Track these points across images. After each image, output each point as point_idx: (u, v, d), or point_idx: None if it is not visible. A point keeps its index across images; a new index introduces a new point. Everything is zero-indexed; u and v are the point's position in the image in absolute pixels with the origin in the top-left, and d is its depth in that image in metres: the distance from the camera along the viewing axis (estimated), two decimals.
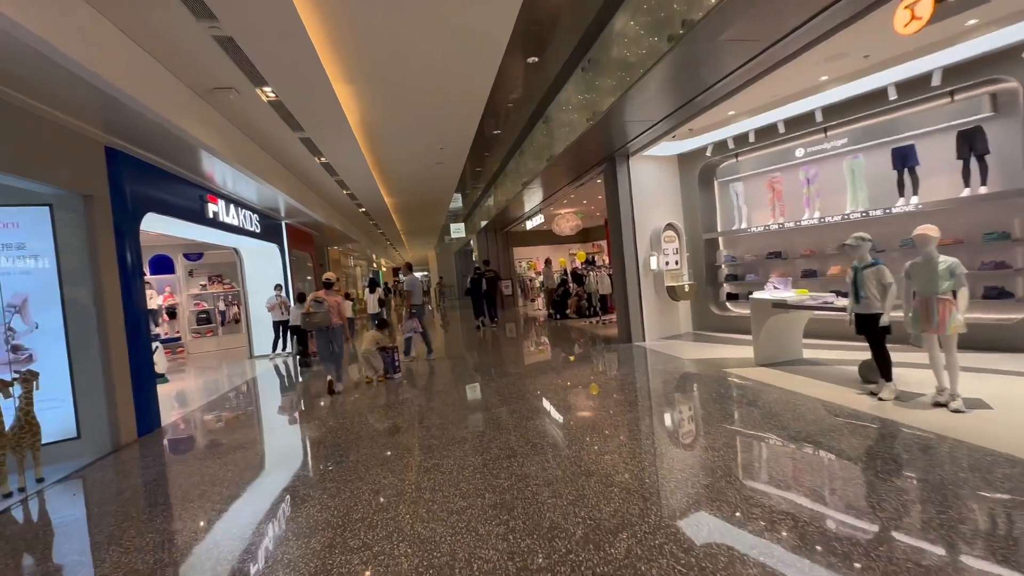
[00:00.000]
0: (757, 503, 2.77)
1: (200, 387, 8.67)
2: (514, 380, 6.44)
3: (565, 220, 14.51)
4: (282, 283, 11.54)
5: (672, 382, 5.78)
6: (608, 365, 7.03)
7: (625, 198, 8.44)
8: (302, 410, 6.31)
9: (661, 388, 5.59)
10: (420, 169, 10.78)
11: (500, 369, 7.39)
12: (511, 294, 20.01)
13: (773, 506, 2.72)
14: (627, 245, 8.44)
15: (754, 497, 2.84)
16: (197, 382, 9.29)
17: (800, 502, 2.76)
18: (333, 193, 12.00)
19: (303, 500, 3.38)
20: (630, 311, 8.44)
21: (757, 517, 2.61)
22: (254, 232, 9.71)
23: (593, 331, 10.51)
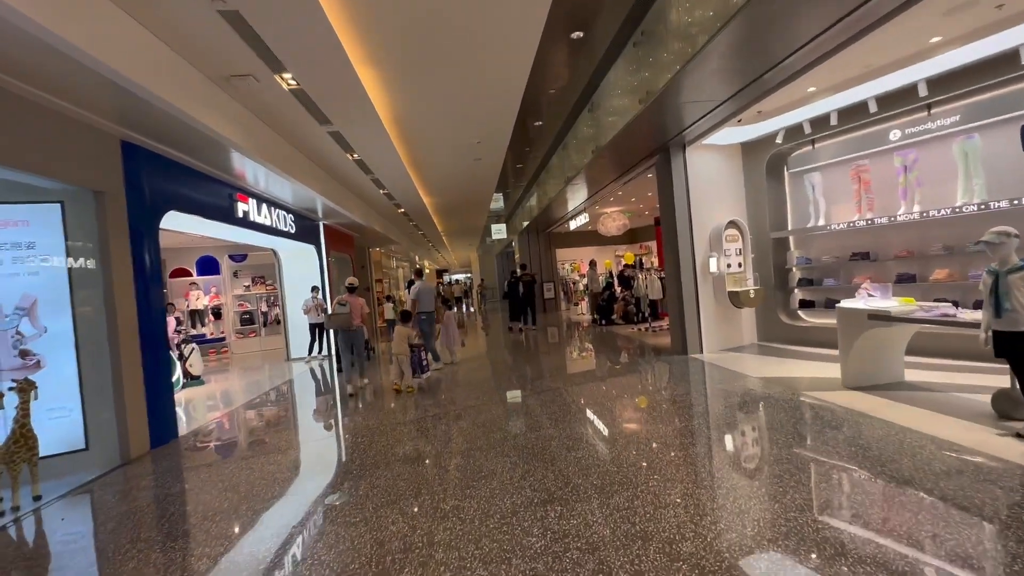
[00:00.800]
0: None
1: (232, 391, 8.47)
2: (553, 397, 5.72)
3: (612, 219, 13.63)
4: (319, 285, 11.34)
5: (741, 407, 4.88)
6: (661, 382, 6.18)
7: (681, 193, 7.54)
8: (324, 423, 5.85)
9: (729, 415, 4.71)
10: (457, 166, 10.25)
11: (539, 382, 6.68)
12: (553, 297, 19.25)
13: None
14: (683, 246, 7.53)
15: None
16: (231, 385, 9.13)
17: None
18: (370, 193, 11.69)
19: (295, 551, 2.82)
20: (685, 319, 7.52)
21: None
22: (288, 233, 9.48)
23: (641, 339, 9.61)
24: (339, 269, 14.34)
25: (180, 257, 13.73)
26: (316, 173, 8.94)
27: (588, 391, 5.93)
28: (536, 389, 6.25)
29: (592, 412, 5.04)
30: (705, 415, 4.65)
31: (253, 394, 7.87)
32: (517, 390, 6.33)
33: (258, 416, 6.42)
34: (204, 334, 13.84)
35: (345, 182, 10.44)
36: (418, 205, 13.73)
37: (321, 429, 5.55)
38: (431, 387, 6.91)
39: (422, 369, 6.88)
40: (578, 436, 4.26)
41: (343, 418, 5.93)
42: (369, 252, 19.27)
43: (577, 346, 10.04)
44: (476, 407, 5.57)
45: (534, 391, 6.15)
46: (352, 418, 5.83)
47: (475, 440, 4.41)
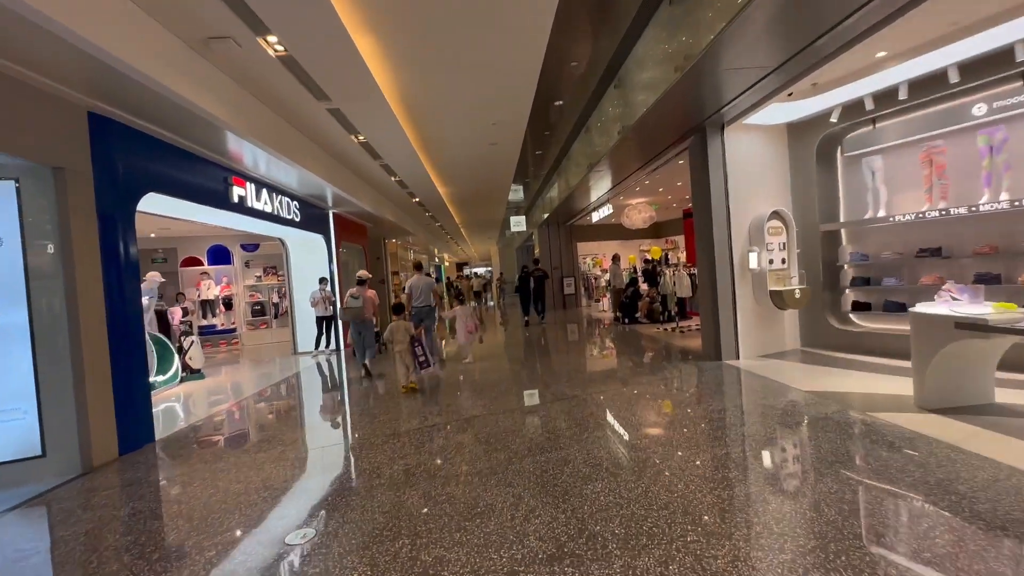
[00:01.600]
0: None
1: (230, 386, 8.03)
2: (569, 408, 5.03)
3: (637, 211, 12.78)
4: (327, 276, 10.86)
5: (793, 430, 4.11)
6: (693, 394, 5.41)
7: (718, 180, 6.71)
8: (312, 432, 5.29)
9: (780, 442, 3.94)
10: (472, 152, 9.59)
11: (554, 388, 5.99)
12: (574, 293, 18.48)
13: None
14: (718, 239, 6.71)
15: None
16: (231, 380, 8.71)
17: None
18: (381, 181, 11.13)
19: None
20: (720, 321, 6.71)
21: None
22: (293, 221, 8.97)
23: (668, 341, 8.81)
24: (351, 260, 13.89)
25: (191, 246, 13.47)
26: (320, 157, 8.39)
27: (609, 402, 5.21)
28: (550, 396, 5.57)
29: (613, 431, 4.33)
30: (750, 441, 3.90)
31: (250, 391, 7.40)
32: (529, 397, 5.66)
33: (244, 418, 5.90)
34: (215, 325, 13.59)
35: (354, 169, 9.88)
36: (433, 194, 13.13)
37: (307, 439, 4.98)
38: (435, 390, 6.30)
39: (420, 365, 6.33)
40: (596, 462, 3.56)
41: (333, 427, 5.37)
42: (385, 243, 18.82)
43: (598, 347, 9.30)
44: (482, 417, 4.92)
45: (548, 398, 5.46)
46: (344, 426, 5.26)
47: (475, 461, 3.76)
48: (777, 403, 4.75)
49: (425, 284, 8.15)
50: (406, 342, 6.20)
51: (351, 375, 8.20)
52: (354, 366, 8.88)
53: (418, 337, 6.29)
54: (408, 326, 6.37)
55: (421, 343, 6.25)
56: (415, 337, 6.26)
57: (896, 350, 6.01)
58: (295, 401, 6.75)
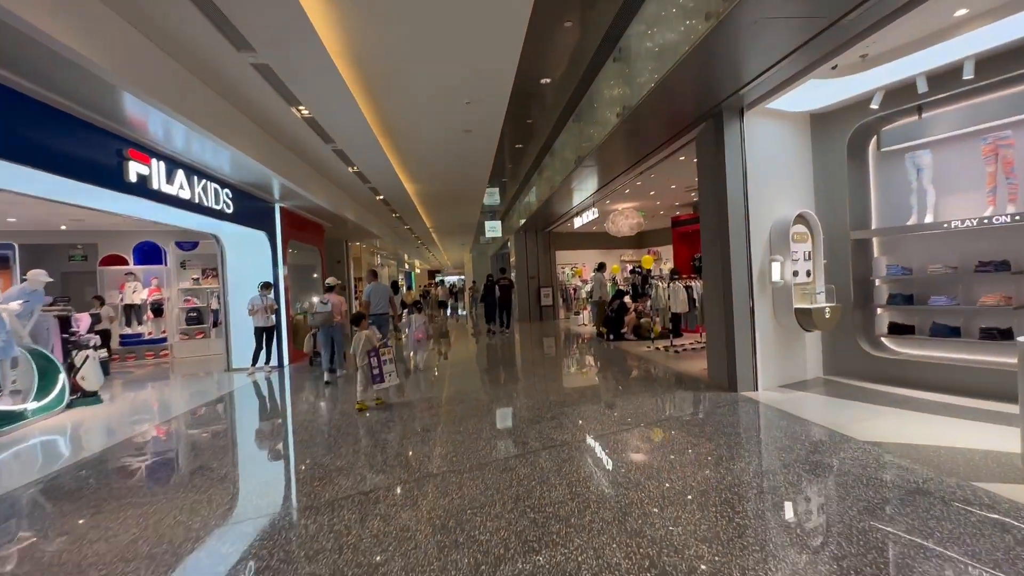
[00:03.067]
0: None
1: (134, 412, 6.40)
2: (559, 464, 3.74)
3: (624, 217, 11.70)
4: (271, 281, 9.32)
5: (892, 518, 2.89)
6: (722, 443, 4.19)
7: (735, 175, 5.60)
8: (206, 491, 3.82)
9: (880, 539, 2.72)
10: (444, 140, 8.29)
11: (538, 428, 4.68)
12: (551, 304, 17.28)
13: None
14: (735, 245, 5.59)
15: None
16: (140, 403, 7.07)
17: None
18: (337, 172, 9.70)
19: None
20: (737, 344, 5.57)
21: None
22: (221, 212, 7.45)
23: (663, 363, 7.64)
24: (305, 262, 12.33)
25: (114, 242, 11.65)
26: (256, 136, 6.94)
27: (614, 455, 3.94)
28: (534, 441, 4.26)
29: (630, 512, 3.05)
30: (838, 537, 2.67)
31: (156, 421, 5.83)
32: (505, 442, 4.34)
33: (123, 465, 4.36)
34: (141, 334, 11.77)
35: (302, 153, 8.43)
36: (399, 192, 11.74)
37: (193, 506, 3.52)
38: (390, 422, 4.92)
39: (373, 378, 5.69)
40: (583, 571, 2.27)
41: (234, 487, 3.92)
42: (348, 246, 17.26)
43: (584, 369, 8.05)
44: (442, 477, 3.57)
45: (531, 445, 4.16)
46: (253, 483, 3.82)
47: (425, 567, 2.42)
48: (837, 462, 3.57)
49: (382, 291, 8.25)
50: (366, 356, 5.68)
51: (297, 395, 6.70)
52: (309, 382, 7.41)
53: (376, 350, 5.73)
54: (371, 336, 5.87)
55: (378, 356, 5.71)
56: (374, 349, 5.71)
57: (950, 384, 4.98)
58: (209, 438, 5.22)
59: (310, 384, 7.94)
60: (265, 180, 7.98)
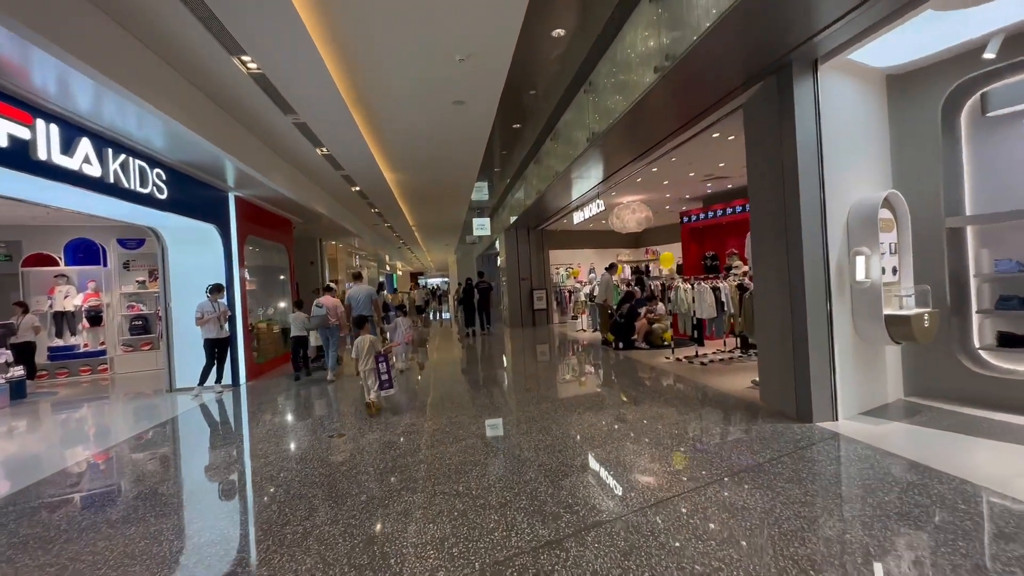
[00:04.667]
0: None
1: (23, 458, 4.86)
2: (606, 565, 2.43)
3: (630, 211, 10.49)
4: (223, 283, 7.83)
5: None
6: (832, 519, 2.91)
7: (808, 144, 4.38)
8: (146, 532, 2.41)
9: None
10: (429, 113, 6.94)
11: (560, 489, 3.37)
12: (545, 308, 16.00)
13: None
14: (808, 233, 4.35)
15: None
16: (36, 440, 5.52)
17: None
18: (303, 154, 8.25)
19: None
20: (812, 361, 4.34)
21: None
22: (150, 197, 5.94)
23: (695, 380, 6.40)
24: (270, 261, 10.81)
25: (41, 239, 9.97)
26: (195, 101, 5.50)
27: (678, 554, 2.65)
28: (551, 514, 2.94)
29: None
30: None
31: (52, 469, 4.33)
32: (523, 518, 3.01)
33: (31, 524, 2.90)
34: (75, 346, 10.09)
35: (256, 125, 6.97)
36: (378, 182, 10.32)
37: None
38: (363, 474, 3.55)
39: (381, 384, 5.67)
40: None
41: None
42: (322, 245, 15.71)
43: (599, 391, 6.76)
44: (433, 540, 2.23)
45: (546, 523, 2.84)
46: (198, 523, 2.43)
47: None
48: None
49: (365, 294, 8.10)
50: (372, 360, 5.63)
51: (257, 421, 5.24)
52: (276, 399, 5.97)
53: (385, 355, 5.72)
54: (376, 341, 5.82)
55: (386, 360, 5.70)
56: (381, 354, 5.69)
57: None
58: (114, 493, 3.76)
59: (279, 402, 6.49)
60: (213, 161, 6.52)
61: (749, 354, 7.84)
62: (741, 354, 7.90)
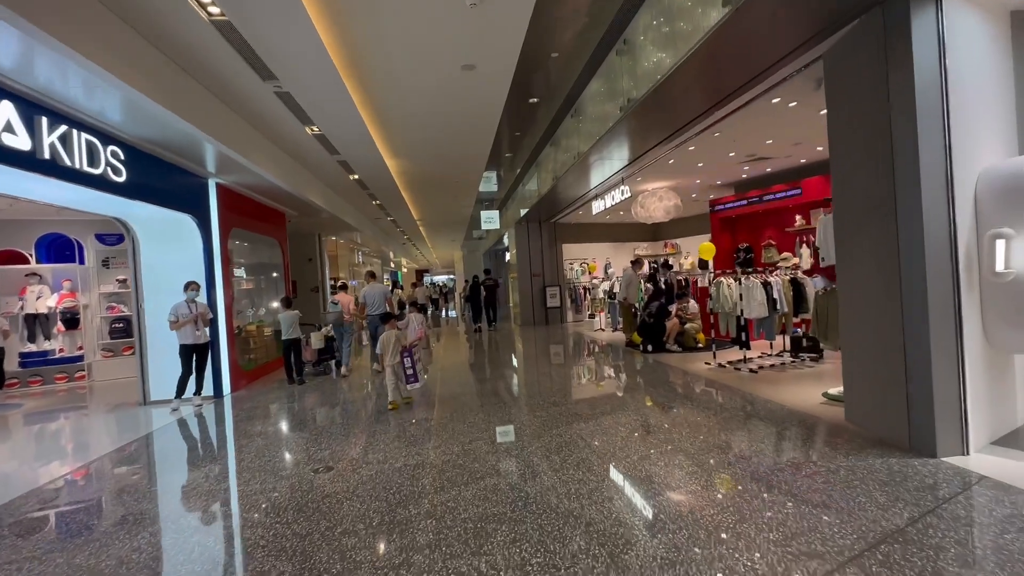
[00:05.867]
0: None
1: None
2: None
3: (657, 199, 9.45)
4: (200, 281, 6.90)
5: None
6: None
7: (929, 95, 3.35)
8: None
9: None
10: (434, 81, 5.96)
11: (635, 559, 2.41)
12: (559, 306, 15.01)
13: None
14: (931, 213, 3.34)
15: None
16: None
17: None
18: (292, 134, 7.29)
19: None
20: (935, 375, 3.32)
21: None
22: (99, 179, 4.98)
23: (751, 392, 5.39)
24: (259, 257, 9.89)
25: (8, 234, 9.09)
26: (151, 61, 4.55)
27: None
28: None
29: None
30: None
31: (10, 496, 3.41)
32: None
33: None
34: (50, 351, 9.22)
35: (232, 96, 6.01)
36: (378, 169, 9.35)
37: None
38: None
39: (408, 379, 5.73)
40: None
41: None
42: (322, 241, 14.80)
43: (633, 402, 5.77)
44: None
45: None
46: None
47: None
48: None
49: (379, 292, 8.29)
50: (398, 355, 5.69)
51: (245, 443, 4.30)
52: (270, 413, 5.05)
53: (410, 350, 5.79)
54: (401, 336, 5.91)
55: (411, 355, 5.77)
56: (406, 349, 5.77)
57: None
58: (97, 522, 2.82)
59: (262, 419, 5.55)
60: (184, 140, 5.58)
61: (802, 359, 6.83)
62: (792, 359, 6.89)
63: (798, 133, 6.78)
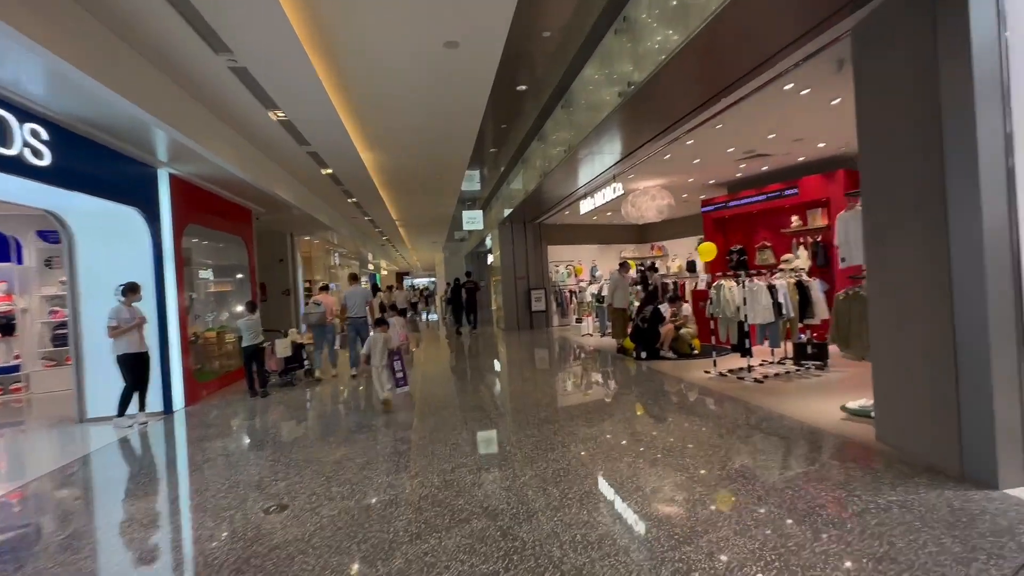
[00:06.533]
0: None
1: None
2: None
3: (649, 197, 8.99)
4: (147, 282, 6.14)
5: None
6: None
7: (988, 70, 2.91)
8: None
9: None
10: (413, 61, 5.36)
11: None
12: (544, 310, 14.48)
13: None
14: (990, 207, 2.87)
15: None
16: None
17: None
18: (254, 120, 6.59)
19: None
20: (995, 396, 2.87)
21: None
22: (13, 161, 4.25)
23: (758, 404, 4.91)
24: (223, 261, 9.11)
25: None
26: (79, 23, 3.85)
27: None
28: None
29: None
30: None
31: None
32: None
33: None
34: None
35: (180, 71, 5.30)
36: (352, 162, 8.67)
37: None
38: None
39: (396, 382, 5.73)
40: None
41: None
42: (294, 241, 13.97)
43: (633, 419, 5.24)
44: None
45: None
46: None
47: None
48: None
49: (361, 295, 8.23)
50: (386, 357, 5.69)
51: (199, 477, 3.59)
52: (230, 431, 4.33)
53: (399, 352, 5.83)
54: (389, 339, 5.79)
55: (401, 358, 5.80)
56: (396, 351, 5.79)
57: None
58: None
59: (214, 440, 4.82)
60: (128, 122, 4.87)
61: (807, 367, 6.41)
62: (797, 367, 6.47)
63: (803, 126, 6.38)
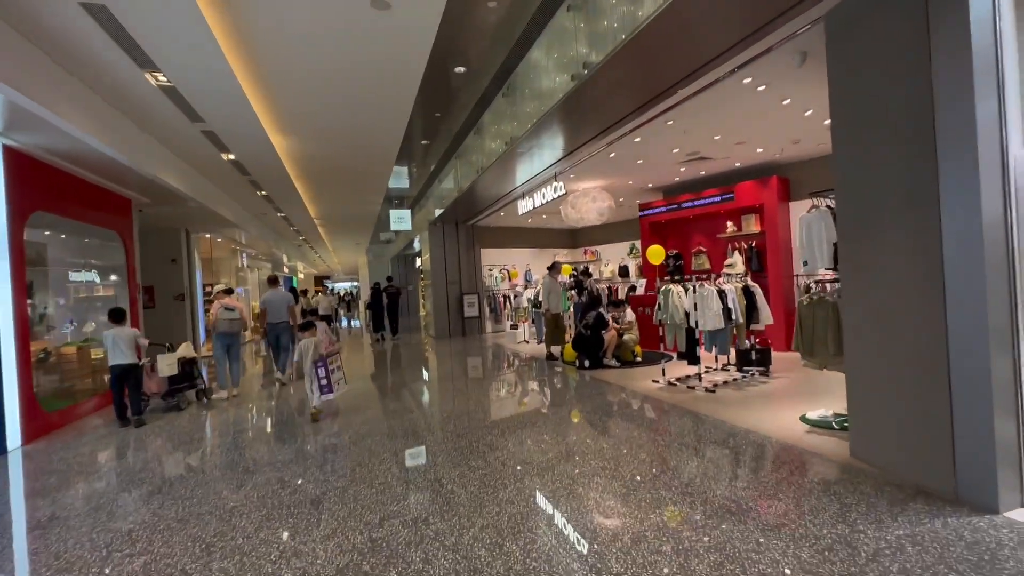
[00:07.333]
0: None
1: None
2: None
3: (590, 199, 8.65)
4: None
5: None
6: None
7: (984, 55, 2.68)
8: None
9: None
10: (334, 19, 4.49)
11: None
12: (478, 316, 13.81)
13: None
14: (989, 207, 2.64)
15: None
16: None
17: None
18: (123, 79, 5.33)
19: None
20: (995, 412, 2.62)
21: None
22: None
23: (716, 416, 4.59)
24: (93, 258, 7.50)
25: None
26: None
27: None
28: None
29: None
30: None
31: None
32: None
33: None
34: None
35: (26, 22, 4.05)
36: (261, 148, 7.48)
37: None
38: None
39: (322, 389, 5.43)
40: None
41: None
42: (190, 238, 12.15)
43: (582, 441, 4.71)
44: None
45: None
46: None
47: None
48: None
49: (280, 299, 7.83)
50: (313, 365, 5.43)
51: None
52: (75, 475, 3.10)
53: (324, 359, 5.48)
54: (320, 345, 5.59)
55: (325, 366, 5.47)
56: (322, 358, 5.47)
57: None
58: None
59: (78, 481, 3.55)
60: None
61: (751, 373, 6.29)
62: (741, 373, 6.33)
63: (749, 129, 6.28)
